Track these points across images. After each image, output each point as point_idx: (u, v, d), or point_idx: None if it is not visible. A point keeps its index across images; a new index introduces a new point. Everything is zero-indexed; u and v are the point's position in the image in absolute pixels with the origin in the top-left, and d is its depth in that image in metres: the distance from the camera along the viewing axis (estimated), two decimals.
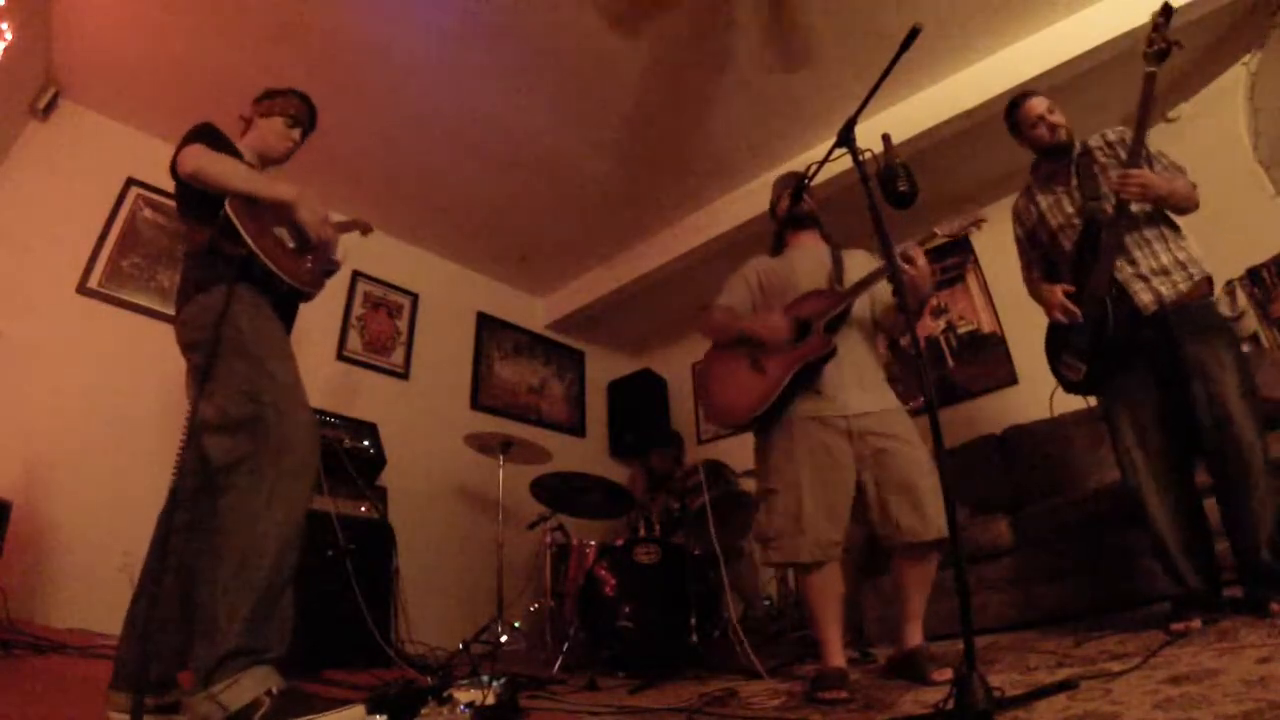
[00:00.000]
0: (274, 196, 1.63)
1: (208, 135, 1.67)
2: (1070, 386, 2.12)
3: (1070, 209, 2.11)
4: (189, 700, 1.24)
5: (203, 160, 1.57)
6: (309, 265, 1.68)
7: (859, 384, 1.96)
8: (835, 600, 1.88)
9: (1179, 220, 2.03)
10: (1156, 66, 1.88)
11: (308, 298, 1.71)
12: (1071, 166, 2.13)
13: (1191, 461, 1.94)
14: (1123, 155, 1.98)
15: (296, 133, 1.95)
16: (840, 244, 2.25)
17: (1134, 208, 1.96)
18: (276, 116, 1.92)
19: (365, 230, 2.24)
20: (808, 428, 1.93)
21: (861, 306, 2.06)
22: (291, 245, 1.68)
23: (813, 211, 2.27)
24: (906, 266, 1.85)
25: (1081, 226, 2.05)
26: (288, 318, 1.70)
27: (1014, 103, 2.26)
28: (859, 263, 2.15)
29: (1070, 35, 3.09)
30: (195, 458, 1.44)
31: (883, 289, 2.07)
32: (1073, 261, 2.07)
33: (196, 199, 1.60)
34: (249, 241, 1.51)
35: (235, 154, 1.76)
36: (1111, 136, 2.08)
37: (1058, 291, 2.06)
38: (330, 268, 1.83)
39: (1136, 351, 1.95)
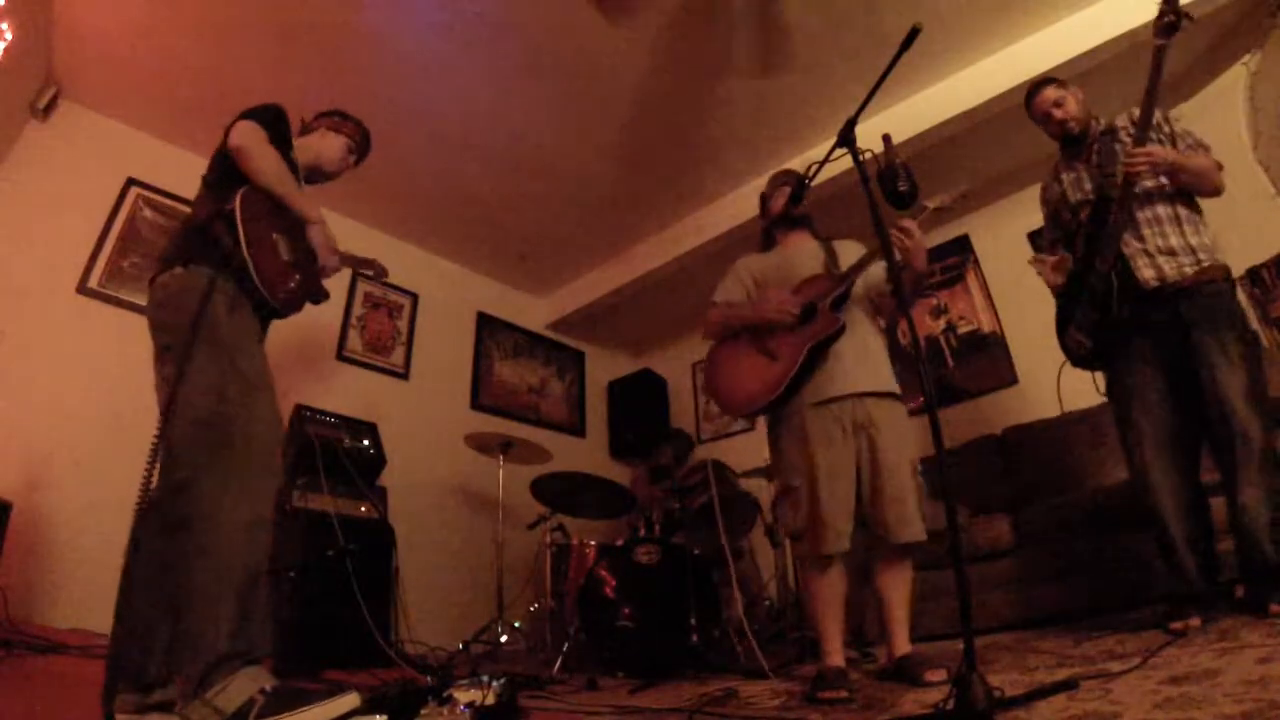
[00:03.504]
0: (298, 208, 1.65)
1: (271, 120, 1.68)
2: (1077, 360, 2.13)
3: (1089, 185, 2.10)
4: (185, 709, 1.24)
5: (253, 142, 1.58)
6: (292, 284, 1.65)
7: (861, 362, 1.97)
8: (837, 599, 1.89)
9: (1202, 203, 2.00)
10: (1166, 40, 1.83)
11: (279, 314, 1.67)
12: (1093, 145, 2.12)
13: (1199, 454, 1.93)
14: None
15: (352, 159, 2.01)
16: (829, 237, 2.26)
17: (1149, 183, 1.94)
18: (344, 137, 1.98)
19: (381, 275, 2.25)
20: (817, 417, 1.93)
21: (858, 288, 2.07)
22: (287, 259, 1.66)
23: (806, 213, 2.28)
24: (902, 237, 1.87)
25: (1094, 201, 2.05)
26: (263, 325, 1.67)
27: (1032, 89, 2.25)
28: (851, 251, 2.16)
29: (1070, 35, 3.09)
30: (167, 452, 1.42)
31: (875, 272, 2.09)
32: (1085, 235, 2.07)
33: (224, 170, 1.60)
34: (241, 237, 1.49)
35: (289, 145, 1.78)
36: (1138, 114, 2.04)
37: (1050, 258, 2.08)
38: (318, 296, 1.82)
39: (1144, 332, 1.94)
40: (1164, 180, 1.95)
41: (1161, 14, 1.83)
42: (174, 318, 1.46)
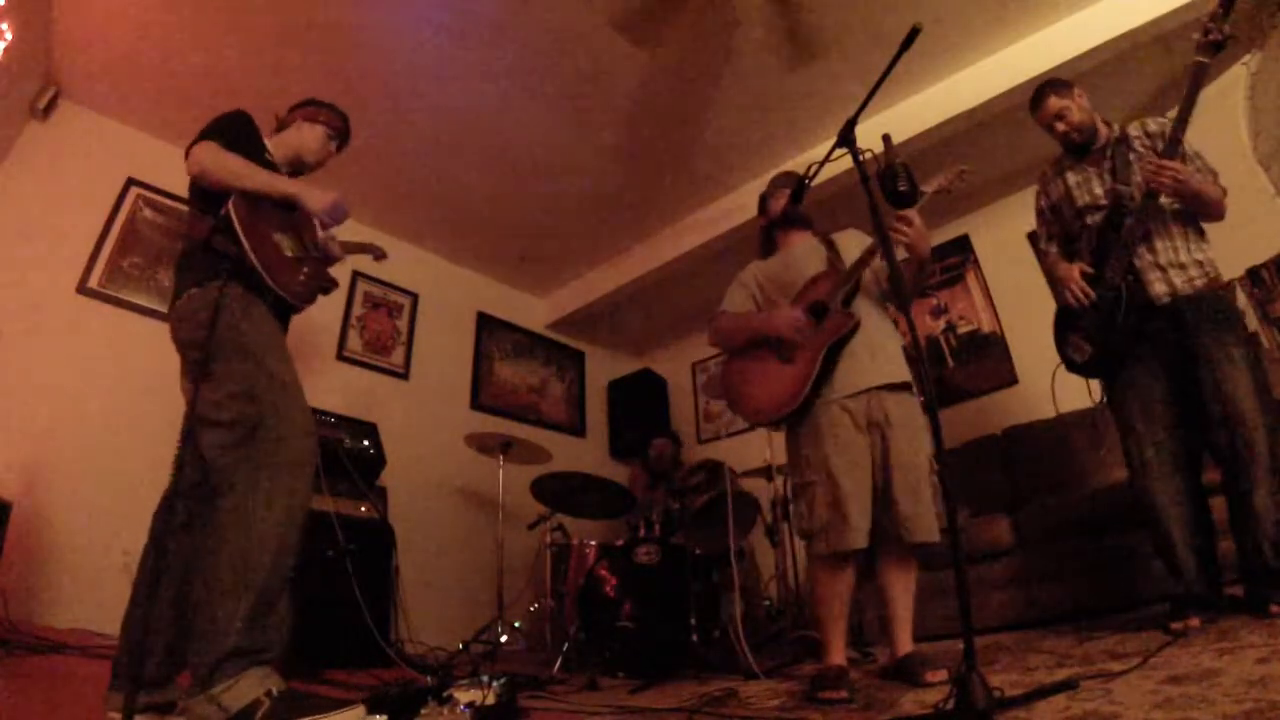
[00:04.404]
0: (279, 191, 1.63)
1: (226, 130, 1.67)
2: (1073, 367, 2.12)
3: (1099, 190, 2.09)
4: (188, 703, 1.24)
5: (208, 161, 1.58)
6: (302, 277, 1.67)
7: (874, 356, 1.95)
8: (844, 598, 1.88)
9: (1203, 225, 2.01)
10: (1210, 58, 1.80)
11: (295, 309, 1.70)
12: (1106, 149, 2.10)
13: (1200, 458, 1.93)
14: (1160, 147, 1.96)
15: (333, 145, 1.99)
16: (828, 231, 2.25)
17: (1163, 200, 1.94)
18: (321, 125, 1.96)
19: (379, 256, 2.25)
20: (830, 413, 1.92)
21: (866, 278, 2.06)
22: (290, 254, 1.66)
23: (804, 212, 2.28)
24: (904, 228, 1.86)
25: (1108, 210, 2.04)
26: (283, 323, 1.69)
27: (1037, 95, 2.21)
28: (853, 240, 2.15)
29: (1070, 35, 3.09)
30: (193, 456, 1.44)
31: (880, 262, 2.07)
32: (1094, 243, 2.06)
33: (201, 191, 1.61)
34: (243, 242, 1.51)
35: (260, 146, 1.77)
36: (1153, 127, 2.05)
37: (1075, 271, 2.05)
38: (328, 286, 1.82)
39: (1146, 341, 1.94)
40: (1174, 201, 1.95)
41: (1207, 31, 1.79)
42: (195, 333, 1.48)
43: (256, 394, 1.42)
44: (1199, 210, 1.96)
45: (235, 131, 1.69)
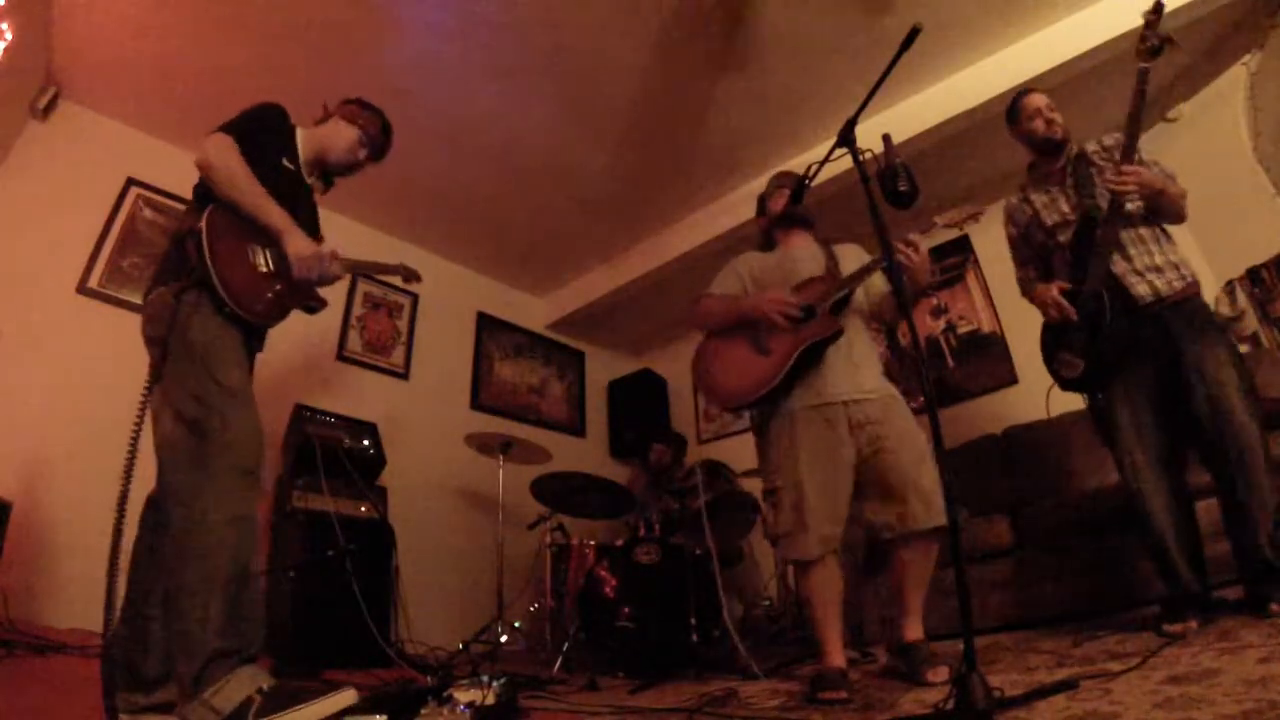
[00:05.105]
0: (266, 220, 1.60)
1: (248, 125, 1.65)
2: (1067, 384, 2.11)
3: (1066, 207, 2.11)
4: (183, 710, 1.25)
5: (214, 155, 1.56)
6: (270, 295, 1.61)
7: (856, 369, 1.96)
8: (835, 599, 1.88)
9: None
10: (1149, 63, 1.88)
11: (259, 327, 1.65)
12: (1067, 167, 2.13)
13: (1186, 461, 1.94)
14: (1119, 158, 1.99)
15: (363, 154, 1.94)
16: (829, 239, 2.25)
17: (1129, 206, 1.97)
18: (356, 129, 1.91)
19: (410, 278, 2.20)
20: (809, 419, 1.92)
21: (856, 295, 2.06)
22: (265, 269, 1.62)
23: (808, 213, 2.27)
24: (909, 251, 1.86)
25: (1077, 223, 2.05)
26: (250, 333, 1.62)
27: (1014, 100, 2.28)
28: (853, 255, 2.15)
29: (1070, 35, 3.09)
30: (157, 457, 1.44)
31: (876, 280, 2.08)
32: (1070, 259, 2.07)
33: (205, 184, 1.60)
34: (206, 255, 1.48)
35: (285, 145, 1.75)
36: (1108, 141, 2.09)
37: (1052, 289, 2.06)
38: (312, 305, 1.80)
39: (1134, 349, 1.95)
40: (1140, 204, 1.99)
41: (1144, 38, 1.85)
42: (156, 332, 1.48)
43: (205, 400, 1.42)
44: (1163, 212, 1.99)
45: (259, 128, 1.67)
